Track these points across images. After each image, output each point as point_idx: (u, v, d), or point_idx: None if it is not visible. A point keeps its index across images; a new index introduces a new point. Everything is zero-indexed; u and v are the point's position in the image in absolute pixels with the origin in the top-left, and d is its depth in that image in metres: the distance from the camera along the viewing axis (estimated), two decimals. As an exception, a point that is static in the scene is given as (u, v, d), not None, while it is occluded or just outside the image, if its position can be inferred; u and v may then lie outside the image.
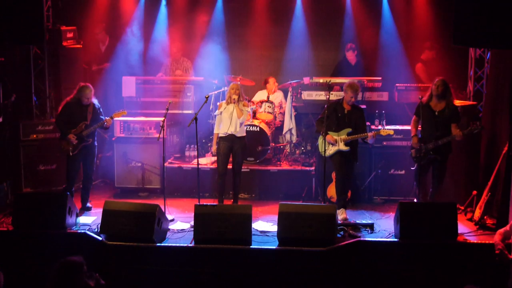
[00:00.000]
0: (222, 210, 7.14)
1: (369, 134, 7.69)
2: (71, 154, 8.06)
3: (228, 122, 7.97)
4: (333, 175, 8.14)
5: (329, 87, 8.08)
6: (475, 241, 7.00)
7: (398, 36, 10.11)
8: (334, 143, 7.71)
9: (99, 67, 10.27)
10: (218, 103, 8.52)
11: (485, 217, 7.58)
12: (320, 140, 7.91)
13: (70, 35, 9.55)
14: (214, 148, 8.20)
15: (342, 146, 7.74)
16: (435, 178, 7.70)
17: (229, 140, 8.02)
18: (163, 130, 7.91)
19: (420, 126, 7.72)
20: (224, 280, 6.73)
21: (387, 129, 8.06)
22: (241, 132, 8.07)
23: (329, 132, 7.73)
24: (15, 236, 7.15)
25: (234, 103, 7.93)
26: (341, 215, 7.63)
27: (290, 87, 9.53)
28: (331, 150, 7.75)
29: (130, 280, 6.74)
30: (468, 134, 7.41)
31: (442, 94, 7.52)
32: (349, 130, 7.72)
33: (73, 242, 6.98)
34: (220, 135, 8.07)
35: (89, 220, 7.74)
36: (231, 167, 8.20)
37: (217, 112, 8.23)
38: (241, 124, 8.01)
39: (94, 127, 8.09)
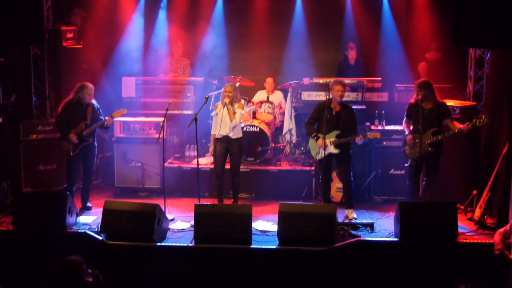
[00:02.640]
0: (222, 209, 7.14)
1: (357, 137, 7.68)
2: (72, 153, 8.07)
3: (223, 123, 7.91)
4: (334, 174, 8.13)
5: (328, 87, 8.04)
6: (475, 241, 6.99)
7: (398, 36, 10.11)
8: (324, 146, 7.68)
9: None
10: (215, 104, 8.52)
11: (485, 216, 7.58)
12: (311, 143, 7.92)
13: (70, 35, 9.52)
14: (211, 149, 8.17)
15: (332, 149, 7.72)
16: (432, 173, 7.67)
17: (225, 141, 7.98)
18: (163, 130, 7.90)
19: (412, 125, 7.74)
20: (224, 280, 6.72)
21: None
22: (236, 134, 7.99)
23: (319, 135, 7.73)
24: (15, 236, 7.14)
25: (224, 106, 7.89)
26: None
27: (290, 88, 9.53)
28: (322, 153, 7.73)
29: (130, 280, 6.74)
30: (474, 127, 7.40)
31: (426, 95, 7.50)
32: (337, 132, 7.71)
33: (73, 241, 6.97)
34: (216, 136, 8.03)
35: (89, 220, 7.75)
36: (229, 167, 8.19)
37: (213, 113, 8.19)
38: (234, 126, 7.93)
39: (94, 127, 8.09)
